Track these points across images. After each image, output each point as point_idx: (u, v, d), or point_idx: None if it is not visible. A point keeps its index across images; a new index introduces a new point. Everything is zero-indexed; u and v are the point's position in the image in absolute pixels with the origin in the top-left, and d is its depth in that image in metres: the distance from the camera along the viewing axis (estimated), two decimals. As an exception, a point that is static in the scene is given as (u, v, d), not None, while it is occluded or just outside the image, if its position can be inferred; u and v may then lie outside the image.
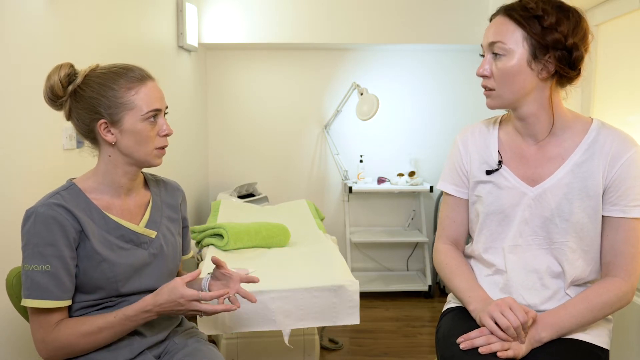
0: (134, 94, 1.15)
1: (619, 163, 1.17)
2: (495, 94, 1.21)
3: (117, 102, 1.14)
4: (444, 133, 3.63)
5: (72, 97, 1.17)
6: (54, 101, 1.17)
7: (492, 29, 1.19)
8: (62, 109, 1.19)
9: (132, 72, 1.17)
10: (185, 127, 3.06)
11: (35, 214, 1.10)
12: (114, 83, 1.15)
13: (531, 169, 1.25)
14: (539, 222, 1.23)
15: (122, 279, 1.19)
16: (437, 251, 1.40)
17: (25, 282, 1.10)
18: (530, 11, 1.14)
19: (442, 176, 1.40)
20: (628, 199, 1.17)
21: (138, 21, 2.35)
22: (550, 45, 1.13)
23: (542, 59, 1.14)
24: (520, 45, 1.15)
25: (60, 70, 1.15)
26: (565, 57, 1.13)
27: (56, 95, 1.16)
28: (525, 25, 1.14)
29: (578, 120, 1.24)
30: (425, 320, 3.10)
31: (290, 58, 3.60)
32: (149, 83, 1.18)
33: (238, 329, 1.71)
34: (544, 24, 1.12)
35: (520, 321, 1.10)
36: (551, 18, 1.12)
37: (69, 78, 1.16)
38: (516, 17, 1.15)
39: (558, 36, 1.12)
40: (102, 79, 1.16)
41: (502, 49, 1.16)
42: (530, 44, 1.14)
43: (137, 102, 1.15)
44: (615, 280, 1.19)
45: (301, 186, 3.71)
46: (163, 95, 1.22)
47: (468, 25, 3.24)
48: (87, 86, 1.15)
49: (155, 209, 1.30)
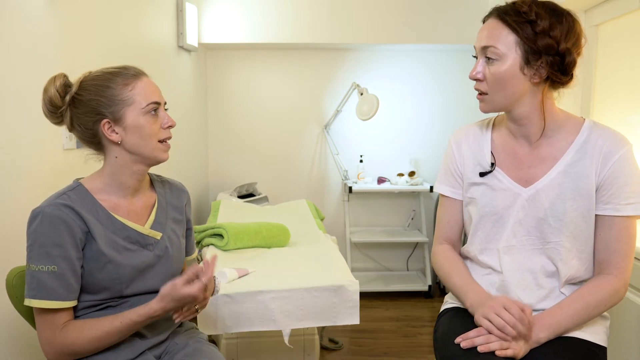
0: (131, 89, 1.17)
1: (611, 161, 1.17)
2: (488, 99, 1.21)
3: (116, 100, 1.15)
4: (444, 133, 3.63)
5: (71, 105, 1.17)
6: (54, 113, 1.18)
7: (485, 32, 1.19)
8: (62, 121, 1.20)
9: (126, 70, 1.19)
10: (185, 127, 3.06)
11: (42, 214, 1.10)
12: (111, 82, 1.16)
13: (524, 170, 1.25)
14: (533, 223, 1.23)
15: (127, 280, 1.19)
16: (434, 253, 1.41)
17: (30, 283, 1.10)
18: (523, 16, 1.13)
19: (438, 178, 1.41)
20: (620, 197, 1.17)
21: (138, 21, 2.35)
22: (543, 51, 1.12)
23: (535, 64, 1.14)
24: (512, 50, 1.14)
25: (56, 81, 1.16)
26: (558, 63, 1.13)
27: (55, 106, 1.17)
28: (519, 30, 1.13)
29: (570, 120, 1.24)
30: (425, 320, 3.10)
31: (290, 58, 3.60)
32: (143, 78, 1.20)
33: (238, 329, 1.71)
34: (537, 29, 1.12)
35: (515, 318, 1.10)
36: (544, 23, 1.12)
37: (65, 87, 1.17)
38: (509, 22, 1.14)
39: (550, 42, 1.12)
40: (98, 80, 1.17)
41: (495, 53, 1.16)
42: (523, 49, 1.14)
43: (135, 97, 1.17)
44: (609, 278, 1.19)
45: (301, 186, 3.71)
46: (159, 89, 1.24)
47: (468, 25, 3.24)
48: (84, 90, 1.16)
49: (160, 210, 1.30)
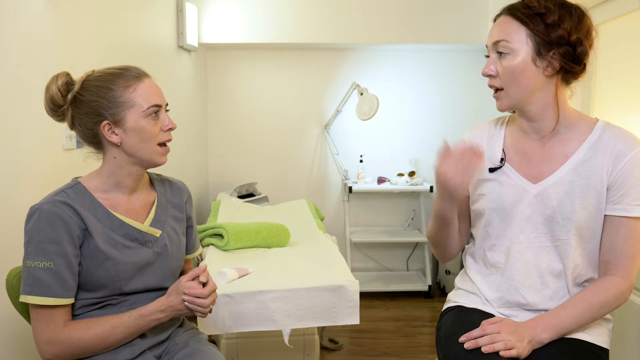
0: (132, 91, 1.16)
1: (623, 162, 1.17)
2: (503, 94, 1.22)
3: (117, 102, 1.15)
4: (444, 133, 3.62)
5: (72, 104, 1.17)
6: (55, 111, 1.18)
7: (496, 29, 1.21)
8: (64, 119, 1.20)
9: (128, 71, 1.19)
10: (185, 127, 3.06)
11: (40, 211, 1.10)
12: (112, 84, 1.16)
13: (534, 166, 1.25)
14: (541, 220, 1.23)
15: (126, 277, 1.19)
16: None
17: (26, 279, 1.10)
18: (532, 9, 1.15)
19: None
20: (630, 198, 1.17)
21: (138, 21, 2.35)
22: (554, 42, 1.14)
23: (547, 56, 1.15)
24: (524, 43, 1.16)
25: (58, 80, 1.16)
26: (570, 53, 1.14)
27: (57, 104, 1.17)
28: (529, 23, 1.15)
29: (583, 119, 1.24)
30: (425, 320, 3.10)
31: (290, 58, 3.60)
32: (146, 80, 1.20)
33: (238, 329, 1.71)
34: (547, 21, 1.13)
35: None
36: (554, 15, 1.13)
37: (67, 86, 1.17)
38: (519, 16, 1.16)
39: (562, 32, 1.13)
40: (100, 81, 1.16)
41: (507, 47, 1.17)
42: (534, 41, 1.15)
43: (136, 99, 1.16)
44: (614, 279, 1.19)
45: (301, 186, 3.71)
46: (161, 91, 1.23)
47: (468, 25, 3.23)
48: (85, 91, 1.16)
49: (160, 208, 1.30)
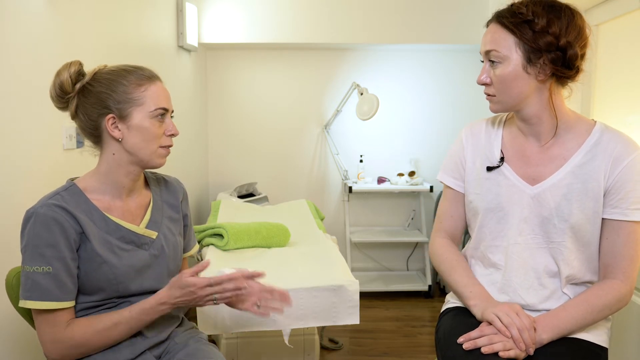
0: (144, 90, 1.17)
1: (621, 166, 1.17)
2: (496, 100, 1.23)
3: (126, 97, 1.16)
4: (443, 133, 3.63)
5: (79, 93, 1.18)
6: (61, 97, 1.18)
7: (487, 37, 1.21)
8: (67, 107, 1.20)
9: (142, 70, 1.20)
10: (185, 127, 3.06)
11: (35, 215, 1.10)
12: (124, 79, 1.17)
13: (532, 168, 1.25)
14: (538, 222, 1.23)
15: (124, 280, 1.19)
16: (434, 244, 1.40)
17: (25, 284, 1.10)
18: (520, 16, 1.14)
19: (443, 168, 1.41)
20: (629, 202, 1.17)
21: (138, 21, 2.35)
22: (543, 49, 1.13)
23: (537, 62, 1.15)
24: (513, 51, 1.16)
25: (71, 67, 1.16)
26: (560, 58, 1.14)
27: (64, 91, 1.17)
28: (516, 32, 1.14)
29: (581, 121, 1.24)
30: (425, 320, 3.10)
31: (290, 58, 3.60)
32: (157, 82, 1.21)
33: (238, 329, 1.71)
34: (535, 28, 1.13)
35: (525, 325, 1.11)
36: (542, 21, 1.13)
37: (78, 75, 1.17)
38: (506, 24, 1.16)
39: (550, 39, 1.12)
40: (113, 75, 1.18)
41: (497, 56, 1.18)
42: (524, 49, 1.15)
43: (145, 98, 1.17)
44: (614, 283, 1.19)
45: (301, 186, 3.71)
46: (170, 96, 1.24)
47: (468, 25, 3.24)
48: (96, 82, 1.17)
49: (156, 209, 1.30)
